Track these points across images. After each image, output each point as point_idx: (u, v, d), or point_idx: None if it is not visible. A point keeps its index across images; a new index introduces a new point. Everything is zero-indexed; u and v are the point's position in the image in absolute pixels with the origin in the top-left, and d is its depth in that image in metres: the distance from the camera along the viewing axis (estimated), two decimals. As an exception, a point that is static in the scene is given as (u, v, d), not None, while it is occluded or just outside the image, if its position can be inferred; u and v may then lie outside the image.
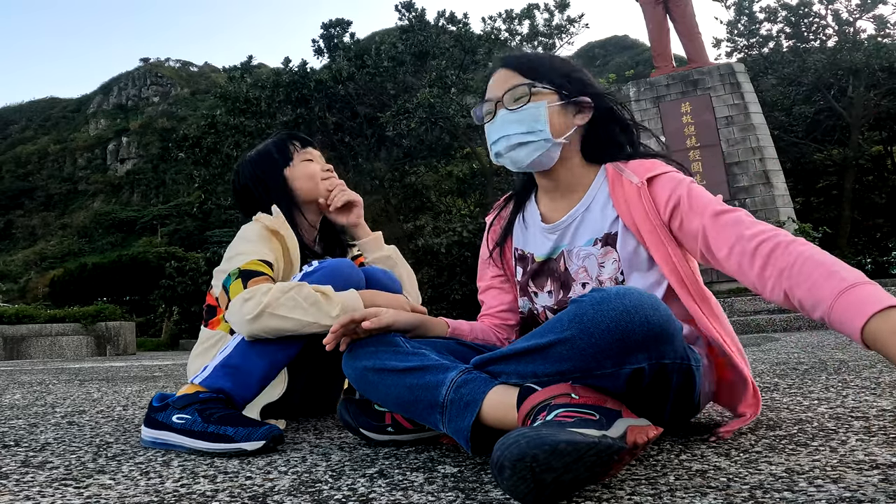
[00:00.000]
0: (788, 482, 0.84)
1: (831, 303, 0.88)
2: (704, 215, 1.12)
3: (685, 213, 1.15)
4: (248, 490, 0.95)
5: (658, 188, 1.20)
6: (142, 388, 3.02)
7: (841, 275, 0.90)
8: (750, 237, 1.05)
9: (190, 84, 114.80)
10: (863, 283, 0.88)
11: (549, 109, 1.23)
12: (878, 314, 0.82)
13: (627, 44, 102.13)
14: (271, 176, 1.70)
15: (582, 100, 1.25)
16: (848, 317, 0.86)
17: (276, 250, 1.55)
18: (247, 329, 1.34)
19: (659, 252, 1.18)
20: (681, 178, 1.20)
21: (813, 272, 0.93)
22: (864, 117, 14.72)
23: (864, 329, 0.83)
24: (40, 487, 1.02)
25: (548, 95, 1.25)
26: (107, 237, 76.53)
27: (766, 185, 8.19)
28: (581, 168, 1.30)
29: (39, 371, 5.32)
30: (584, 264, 1.26)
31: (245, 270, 1.44)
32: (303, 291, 1.35)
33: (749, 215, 1.10)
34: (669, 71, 9.22)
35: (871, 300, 0.84)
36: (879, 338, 0.82)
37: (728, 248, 1.07)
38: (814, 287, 0.92)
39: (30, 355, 10.21)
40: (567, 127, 1.25)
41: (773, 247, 1.01)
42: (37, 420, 1.92)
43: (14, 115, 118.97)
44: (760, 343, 4.28)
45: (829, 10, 15.98)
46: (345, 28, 19.79)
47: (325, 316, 1.34)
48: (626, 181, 1.23)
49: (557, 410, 0.87)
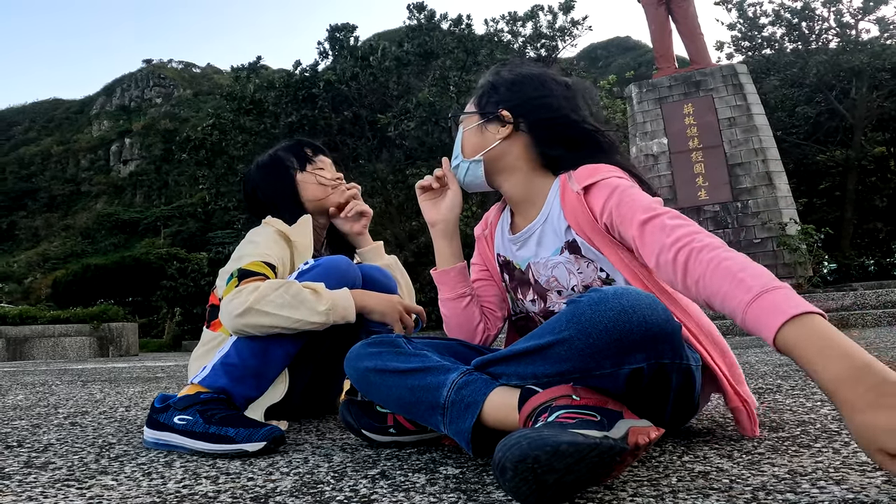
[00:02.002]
0: (791, 483, 0.84)
1: (742, 314, 0.87)
2: (633, 226, 1.09)
3: (618, 225, 1.12)
4: (250, 491, 0.95)
5: (592, 197, 1.17)
6: (144, 389, 3.03)
7: (747, 282, 0.88)
8: (669, 246, 1.02)
9: (193, 85, 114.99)
10: (769, 290, 0.85)
11: (464, 133, 1.34)
12: (788, 324, 0.81)
13: (630, 45, 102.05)
14: (282, 182, 1.71)
15: (500, 115, 1.28)
16: (761, 328, 0.84)
17: (284, 254, 1.56)
18: (233, 325, 1.35)
19: (612, 256, 1.17)
20: (614, 185, 1.15)
21: (722, 282, 0.91)
22: (866, 119, 14.69)
23: (776, 341, 0.82)
24: (43, 488, 1.03)
25: (467, 119, 1.34)
26: (110, 238, 76.63)
27: (768, 186, 8.17)
28: (535, 179, 1.30)
29: (42, 372, 5.33)
30: (554, 274, 1.26)
31: (244, 270, 1.46)
32: (291, 289, 1.36)
33: (674, 217, 1.06)
34: (672, 72, 9.20)
35: (779, 309, 0.82)
36: (793, 351, 0.80)
37: (654, 259, 1.05)
38: (726, 298, 0.90)
39: (33, 356, 10.23)
40: (483, 144, 1.30)
41: (687, 255, 0.98)
42: (40, 421, 1.92)
43: (17, 117, 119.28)
44: (763, 344, 4.27)
45: (832, 11, 15.96)
46: (350, 32, 19.80)
47: (313, 313, 1.35)
48: (569, 189, 1.21)
49: (559, 412, 0.87)
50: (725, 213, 8.24)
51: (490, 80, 1.36)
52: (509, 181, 1.31)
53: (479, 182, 1.33)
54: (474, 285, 1.45)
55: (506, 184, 1.32)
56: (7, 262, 72.87)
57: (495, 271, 1.42)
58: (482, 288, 1.45)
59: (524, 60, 1.57)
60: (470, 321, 1.39)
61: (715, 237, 1.00)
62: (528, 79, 1.32)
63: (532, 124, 1.28)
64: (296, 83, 17.40)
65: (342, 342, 1.62)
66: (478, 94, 1.35)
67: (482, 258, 1.46)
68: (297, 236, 1.60)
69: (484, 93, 1.34)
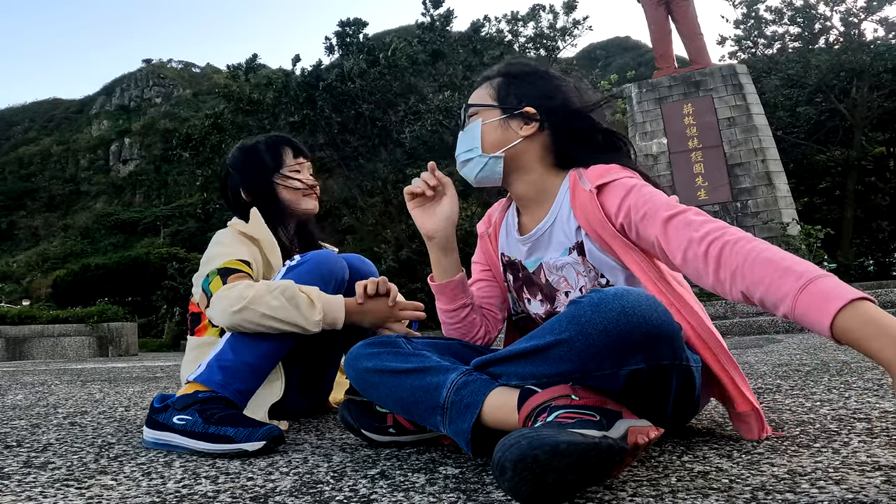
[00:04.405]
0: (791, 484, 0.84)
1: (793, 301, 0.87)
2: (655, 223, 1.08)
3: (638, 224, 1.11)
4: (249, 491, 0.95)
5: (607, 196, 1.16)
6: (143, 389, 3.03)
7: (795, 270, 0.89)
8: (699, 239, 1.01)
9: (192, 85, 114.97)
10: (819, 277, 0.86)
11: (484, 126, 1.26)
12: (844, 309, 0.82)
13: (629, 45, 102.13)
14: (258, 178, 1.70)
15: (526, 111, 1.24)
16: (814, 314, 0.84)
17: (253, 251, 1.58)
18: (229, 320, 1.35)
19: (624, 255, 1.15)
20: (630, 185, 1.14)
21: (765, 272, 0.91)
22: (867, 118, 14.69)
23: (833, 326, 0.82)
24: (42, 488, 1.03)
25: (485, 112, 1.27)
26: (109, 238, 76.62)
27: (768, 186, 8.18)
28: (548, 178, 1.27)
29: (42, 372, 5.33)
30: (563, 274, 1.24)
31: (223, 268, 1.47)
32: (287, 292, 1.36)
33: (699, 213, 1.06)
34: (671, 72, 9.21)
35: (832, 295, 0.83)
36: (849, 334, 0.82)
37: (682, 254, 1.04)
38: (772, 286, 0.90)
39: (32, 356, 10.23)
40: (506, 141, 1.25)
41: (721, 247, 0.98)
42: (39, 421, 1.92)
43: (17, 117, 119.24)
44: (763, 345, 4.27)
45: (835, 10, 15.96)
46: (360, 27, 19.68)
47: (307, 321, 1.36)
48: (581, 188, 1.20)
49: (558, 412, 0.87)
50: (725, 213, 8.24)
51: (506, 74, 1.30)
52: (522, 179, 1.28)
53: (494, 179, 1.28)
54: (476, 286, 1.42)
55: (517, 182, 1.28)
56: (6, 262, 72.84)
57: (498, 271, 1.40)
58: (484, 288, 1.41)
59: (528, 58, 1.55)
60: (470, 329, 1.36)
61: (744, 231, 1.01)
62: (546, 76, 1.29)
63: (555, 124, 1.25)
64: (297, 85, 17.34)
65: (331, 341, 1.63)
66: (494, 87, 1.29)
67: (485, 257, 1.42)
68: (255, 233, 1.61)
69: (501, 86, 1.28)
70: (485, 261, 1.43)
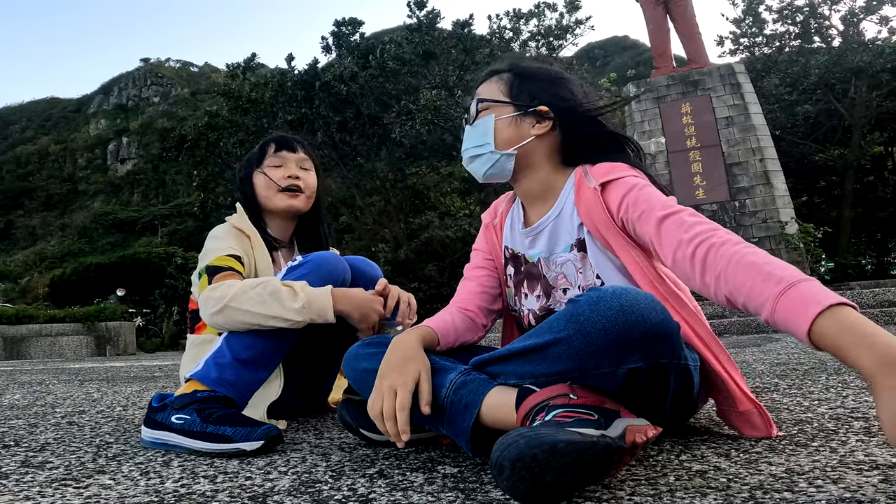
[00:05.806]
0: (788, 482, 0.84)
1: (773, 306, 0.86)
2: (650, 223, 1.09)
3: (635, 222, 1.12)
4: (247, 490, 0.95)
5: (610, 193, 1.17)
6: (142, 389, 3.02)
7: (777, 274, 0.88)
8: (688, 241, 1.01)
9: (190, 84, 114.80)
10: (800, 282, 0.85)
11: (497, 122, 1.25)
12: (822, 314, 0.81)
13: (628, 44, 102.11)
14: (245, 176, 1.74)
15: (539, 110, 1.24)
16: (792, 319, 0.84)
17: (244, 245, 1.59)
18: (211, 321, 1.37)
19: (623, 254, 1.16)
20: (633, 183, 1.15)
21: (747, 276, 0.91)
22: (865, 118, 14.71)
23: (810, 332, 0.81)
24: (40, 487, 1.03)
25: (498, 108, 1.26)
26: (107, 237, 76.51)
27: (766, 185, 8.19)
28: (554, 175, 1.27)
29: (39, 371, 5.32)
30: (563, 271, 1.25)
31: (211, 267, 1.48)
32: (269, 286, 1.37)
33: (693, 215, 1.06)
34: (669, 71, 9.21)
35: (812, 300, 0.82)
36: (827, 340, 0.80)
37: (671, 255, 1.05)
38: (753, 290, 0.90)
39: (30, 355, 10.21)
40: (519, 138, 1.25)
41: (706, 250, 0.98)
42: (37, 420, 1.92)
43: (14, 116, 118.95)
44: (761, 343, 4.27)
45: (834, 10, 15.97)
46: (356, 27, 19.64)
47: (288, 310, 1.35)
48: (585, 185, 1.20)
49: (556, 411, 0.87)
50: (723, 212, 8.25)
51: (518, 70, 1.30)
52: (529, 177, 1.28)
53: (503, 176, 1.28)
54: (475, 273, 1.41)
55: (525, 180, 1.29)
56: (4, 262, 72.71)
57: (499, 262, 1.40)
58: (482, 277, 1.40)
59: (530, 57, 1.55)
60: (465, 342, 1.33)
61: (734, 234, 1.00)
62: (559, 77, 1.29)
63: (566, 123, 1.25)
64: (293, 84, 17.31)
65: (332, 342, 1.63)
66: (506, 82, 1.28)
67: (489, 246, 1.42)
68: (245, 227, 1.63)
69: (513, 82, 1.28)
70: (487, 249, 1.42)
